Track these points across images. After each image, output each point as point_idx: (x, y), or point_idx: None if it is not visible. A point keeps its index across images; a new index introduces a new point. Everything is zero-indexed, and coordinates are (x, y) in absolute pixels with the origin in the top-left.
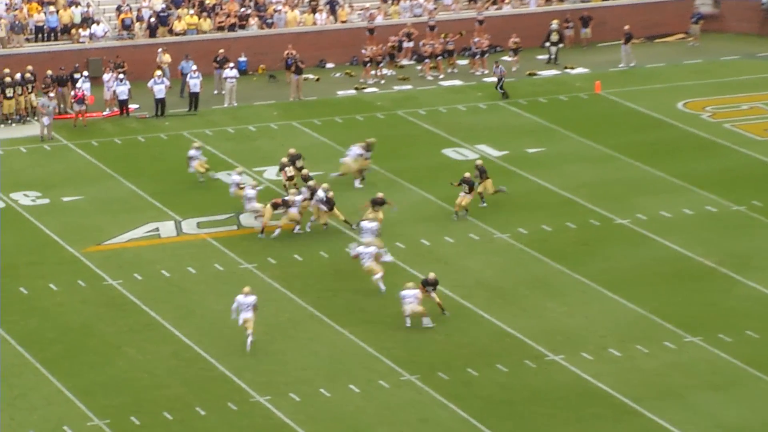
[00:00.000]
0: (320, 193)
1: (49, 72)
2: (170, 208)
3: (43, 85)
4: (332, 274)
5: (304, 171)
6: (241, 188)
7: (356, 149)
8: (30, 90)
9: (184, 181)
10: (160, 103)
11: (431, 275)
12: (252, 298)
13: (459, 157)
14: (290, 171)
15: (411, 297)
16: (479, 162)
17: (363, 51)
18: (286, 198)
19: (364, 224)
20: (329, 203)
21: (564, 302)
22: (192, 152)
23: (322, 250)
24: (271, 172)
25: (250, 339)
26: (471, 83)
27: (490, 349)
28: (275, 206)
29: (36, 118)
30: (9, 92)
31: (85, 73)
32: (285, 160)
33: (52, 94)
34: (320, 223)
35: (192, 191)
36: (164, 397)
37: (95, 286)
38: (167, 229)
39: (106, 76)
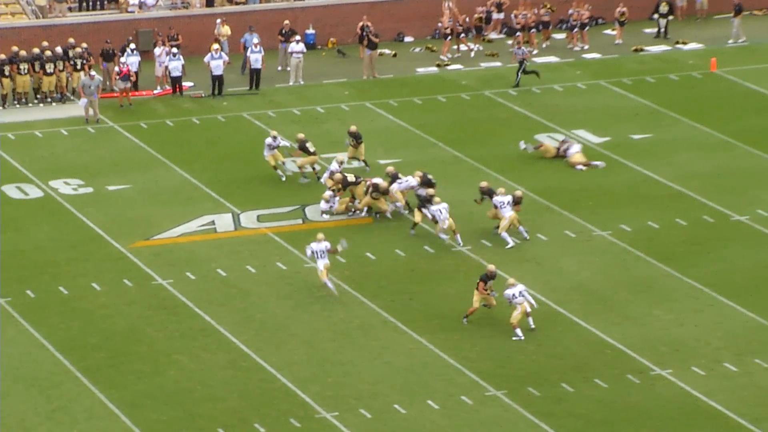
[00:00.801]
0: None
1: (84, 45)
2: (227, 198)
3: (83, 61)
4: (408, 275)
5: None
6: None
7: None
8: (79, 66)
9: (243, 169)
10: (218, 81)
11: (491, 267)
12: (325, 244)
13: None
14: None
15: (518, 295)
16: (484, 184)
17: (439, 24)
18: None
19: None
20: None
21: (672, 309)
22: (268, 140)
23: (398, 248)
24: (342, 158)
25: (331, 285)
26: (568, 60)
27: (587, 362)
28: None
29: (77, 100)
30: (49, 67)
31: (132, 46)
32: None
33: (93, 72)
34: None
35: (252, 180)
36: (219, 412)
37: (143, 286)
38: (224, 222)
39: (157, 50)
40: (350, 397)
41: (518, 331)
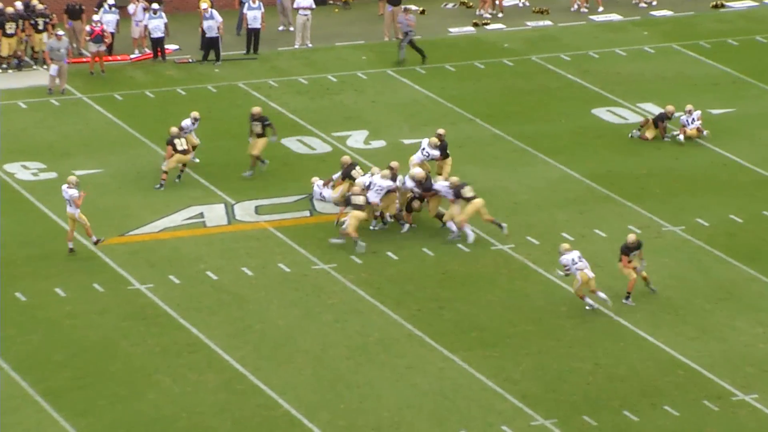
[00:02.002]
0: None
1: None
2: (219, 186)
3: (47, 20)
4: (439, 279)
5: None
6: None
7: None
8: (41, 28)
9: (238, 150)
10: (209, 43)
11: (631, 237)
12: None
13: (616, 120)
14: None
15: (578, 260)
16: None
17: None
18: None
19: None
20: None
21: (760, 321)
22: (186, 122)
23: (426, 246)
24: (357, 138)
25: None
26: (633, 18)
27: (655, 384)
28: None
29: (45, 66)
30: (10, 28)
31: (111, 1)
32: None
33: (61, 32)
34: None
35: (249, 164)
36: None
37: (118, 292)
38: (215, 214)
39: (131, 7)
40: (368, 427)
41: (589, 300)
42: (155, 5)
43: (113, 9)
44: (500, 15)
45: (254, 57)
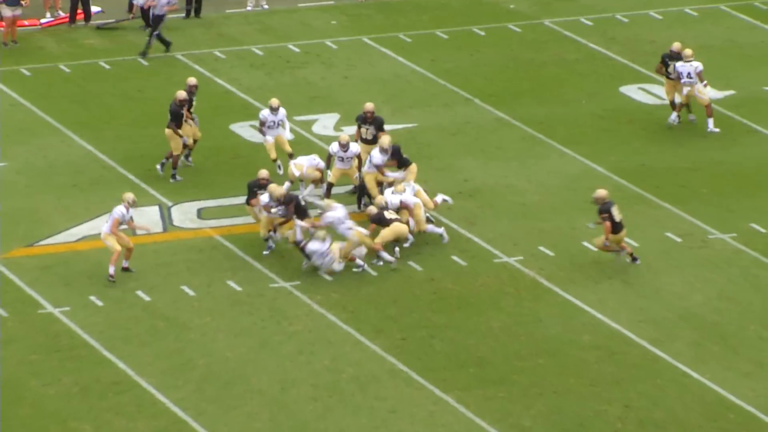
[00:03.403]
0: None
1: None
2: (153, 184)
3: None
4: (429, 301)
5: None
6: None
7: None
8: None
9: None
10: (140, 7)
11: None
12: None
13: (650, 100)
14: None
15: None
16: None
17: None
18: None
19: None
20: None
21: None
22: (265, 114)
23: (413, 258)
24: (326, 124)
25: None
26: None
27: (700, 429)
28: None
29: None
30: None
31: None
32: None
33: None
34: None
35: (191, 156)
36: None
37: (25, 317)
38: (147, 219)
39: None
40: None
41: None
42: None
43: None
44: None
45: (197, 18)
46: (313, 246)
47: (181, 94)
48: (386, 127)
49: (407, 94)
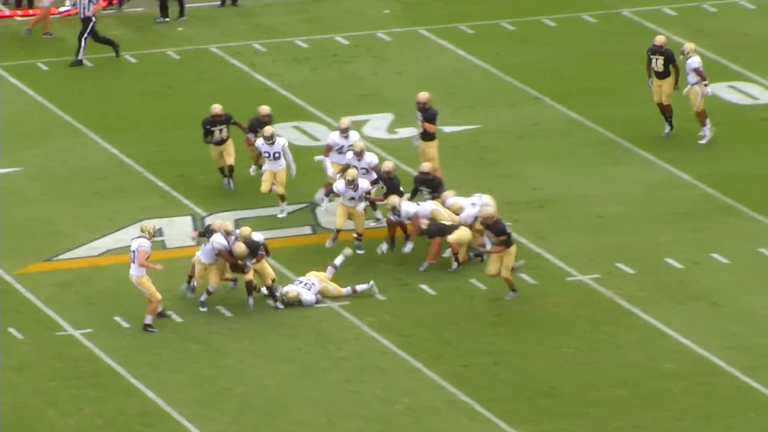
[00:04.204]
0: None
1: None
2: (185, 192)
3: None
4: (493, 324)
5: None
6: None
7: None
8: None
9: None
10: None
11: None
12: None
13: (742, 100)
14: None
15: None
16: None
17: None
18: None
19: None
20: None
21: None
22: (259, 144)
23: (475, 275)
24: (378, 125)
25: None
26: None
27: None
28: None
29: None
30: None
31: None
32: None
33: None
34: None
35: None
36: None
37: (42, 340)
38: (179, 232)
39: None
40: None
41: None
42: None
43: None
44: None
45: (234, 4)
46: (306, 297)
47: (265, 109)
48: (446, 129)
49: (468, 92)
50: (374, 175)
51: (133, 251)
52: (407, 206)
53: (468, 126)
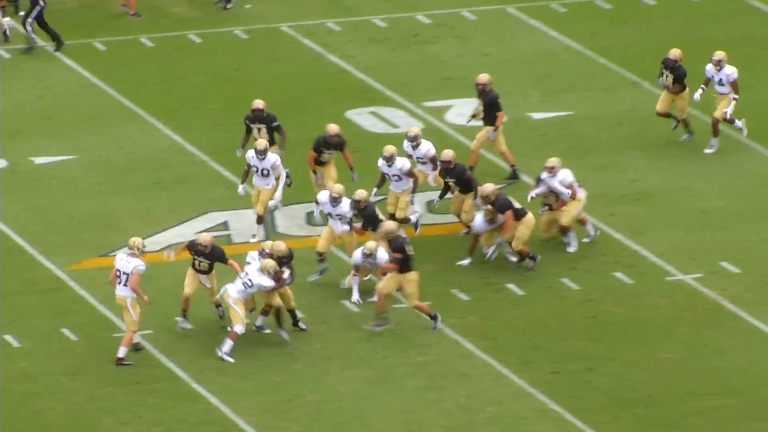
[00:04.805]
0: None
1: None
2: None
3: None
4: (586, 327)
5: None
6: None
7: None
8: None
9: (284, 127)
10: None
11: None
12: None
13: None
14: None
15: None
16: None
17: None
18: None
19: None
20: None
21: None
22: (249, 157)
23: (567, 275)
24: (461, 111)
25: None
26: None
27: None
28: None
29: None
30: None
31: None
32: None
33: None
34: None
35: (301, 147)
36: None
37: (98, 341)
38: (246, 225)
39: None
40: None
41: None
42: None
43: None
44: None
45: None
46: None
47: (333, 128)
48: (535, 115)
49: (560, 75)
50: (431, 167)
51: (126, 273)
52: (382, 253)
53: (559, 112)
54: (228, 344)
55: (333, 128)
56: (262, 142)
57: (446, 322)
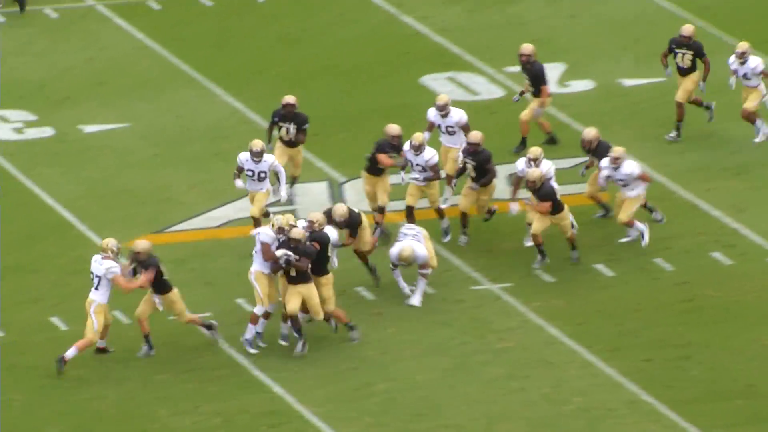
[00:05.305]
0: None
1: None
2: (318, 153)
3: None
4: (681, 311)
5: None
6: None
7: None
8: None
9: (355, 95)
10: None
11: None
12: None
13: None
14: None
15: None
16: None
17: None
18: None
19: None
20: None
21: None
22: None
23: (661, 254)
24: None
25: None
26: None
27: None
28: None
29: None
30: None
31: None
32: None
33: None
34: None
35: (373, 115)
36: None
37: (152, 325)
38: (313, 200)
39: None
40: None
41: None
42: None
43: None
44: None
45: None
46: (420, 252)
47: (394, 128)
48: (627, 82)
49: (654, 39)
50: (461, 137)
51: (98, 276)
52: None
53: (654, 79)
54: (250, 330)
55: (394, 129)
56: (258, 143)
57: (529, 305)
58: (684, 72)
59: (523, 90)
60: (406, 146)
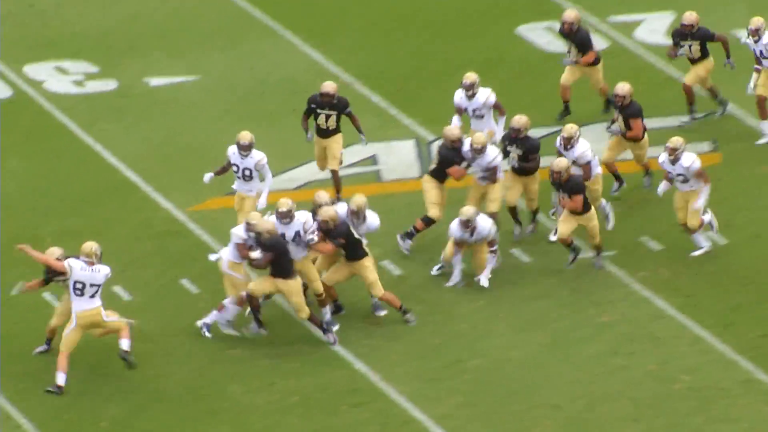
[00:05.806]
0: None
1: None
2: (405, 109)
3: None
4: None
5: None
6: None
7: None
8: None
9: (446, 46)
10: None
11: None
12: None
13: None
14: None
15: None
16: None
17: None
18: None
19: None
20: None
21: None
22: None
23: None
24: (653, 26)
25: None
26: None
27: None
28: None
29: None
30: None
31: None
32: None
33: None
34: None
35: (464, 68)
36: None
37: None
38: (398, 160)
39: None
40: None
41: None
42: None
43: None
44: None
45: None
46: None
47: (454, 131)
48: (744, 38)
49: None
50: (491, 122)
51: (82, 283)
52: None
53: None
54: (211, 316)
55: (454, 132)
56: (245, 135)
57: (635, 275)
58: (695, 61)
59: (576, 60)
60: (466, 146)
